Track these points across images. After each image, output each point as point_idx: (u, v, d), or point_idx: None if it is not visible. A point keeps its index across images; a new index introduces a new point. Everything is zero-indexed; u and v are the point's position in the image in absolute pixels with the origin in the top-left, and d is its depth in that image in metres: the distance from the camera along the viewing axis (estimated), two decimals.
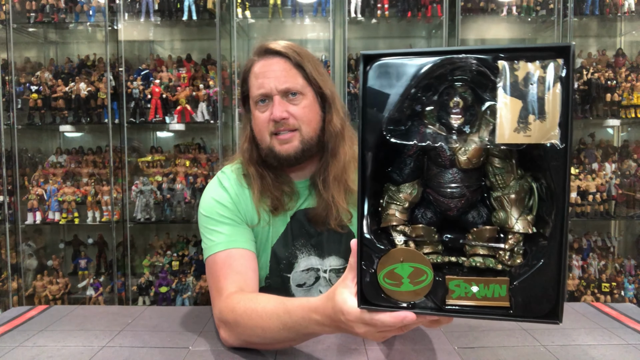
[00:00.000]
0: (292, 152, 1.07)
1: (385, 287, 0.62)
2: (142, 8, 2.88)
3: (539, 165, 0.58)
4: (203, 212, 1.10)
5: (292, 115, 1.06)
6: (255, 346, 0.91)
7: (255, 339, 0.87)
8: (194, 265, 2.99)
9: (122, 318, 1.07)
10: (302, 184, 1.15)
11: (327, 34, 2.95)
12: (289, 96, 1.06)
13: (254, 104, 1.10)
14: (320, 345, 0.91)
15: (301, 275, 1.14)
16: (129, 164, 2.94)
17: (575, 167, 2.96)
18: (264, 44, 1.09)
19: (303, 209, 1.14)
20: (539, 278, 0.59)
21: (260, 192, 1.10)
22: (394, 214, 0.64)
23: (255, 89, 1.08)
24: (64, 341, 0.94)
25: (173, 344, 0.93)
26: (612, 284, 2.90)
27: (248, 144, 1.13)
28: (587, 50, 3.16)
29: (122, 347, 0.91)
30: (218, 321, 0.95)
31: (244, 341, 0.90)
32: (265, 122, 1.07)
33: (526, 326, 0.99)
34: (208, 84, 2.95)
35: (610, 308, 1.11)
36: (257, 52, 1.10)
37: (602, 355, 0.85)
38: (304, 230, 1.14)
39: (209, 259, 1.05)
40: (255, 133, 1.11)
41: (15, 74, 2.93)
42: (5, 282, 2.98)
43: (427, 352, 0.87)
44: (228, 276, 1.00)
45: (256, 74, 1.08)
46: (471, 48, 0.58)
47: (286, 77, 1.06)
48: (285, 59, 1.07)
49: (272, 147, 1.08)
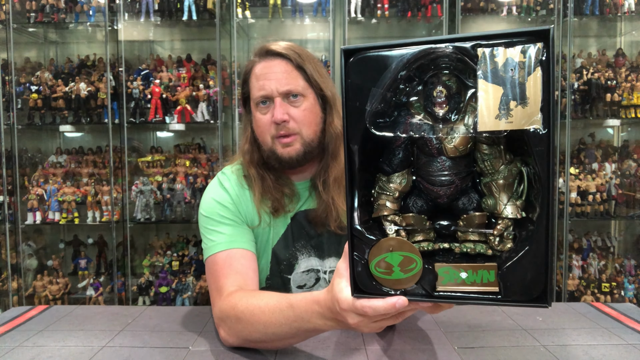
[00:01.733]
0: (294, 155, 1.07)
1: (377, 275, 0.63)
2: (142, 8, 2.88)
3: (526, 150, 0.59)
4: (203, 212, 1.10)
5: (292, 118, 1.05)
6: (256, 345, 0.90)
7: (257, 336, 0.86)
8: (194, 265, 2.99)
9: (122, 318, 1.07)
10: (302, 186, 1.15)
11: (327, 34, 2.95)
12: (290, 98, 1.06)
13: (255, 106, 1.09)
14: (321, 345, 0.91)
15: (301, 276, 1.14)
16: (129, 164, 2.94)
17: (575, 167, 2.96)
18: (264, 45, 1.09)
19: (303, 210, 1.14)
20: (526, 263, 0.59)
21: (261, 194, 1.09)
22: (384, 204, 0.65)
23: (256, 91, 1.08)
24: (64, 341, 0.94)
25: (173, 344, 0.93)
26: (612, 284, 2.90)
27: (249, 145, 1.12)
28: (587, 50, 3.16)
29: (122, 347, 0.91)
30: (218, 320, 0.95)
31: (245, 339, 0.89)
32: (267, 125, 1.07)
33: (526, 326, 0.99)
34: (208, 84, 2.95)
35: (610, 308, 1.11)
36: (258, 53, 1.10)
37: (602, 356, 0.85)
38: (304, 232, 1.13)
39: (209, 259, 1.05)
40: (257, 135, 1.11)
41: (15, 74, 2.93)
42: (5, 282, 2.98)
43: (427, 352, 0.87)
44: (229, 276, 1.00)
45: (257, 75, 1.08)
46: (450, 37, 0.58)
47: (287, 79, 1.05)
48: (287, 60, 1.06)
49: (274, 149, 1.08)
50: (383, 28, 3.18)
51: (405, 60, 0.59)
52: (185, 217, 2.95)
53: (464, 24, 2.90)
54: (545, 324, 1.01)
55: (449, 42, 0.58)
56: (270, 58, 1.07)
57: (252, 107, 1.11)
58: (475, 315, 1.06)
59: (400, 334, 0.95)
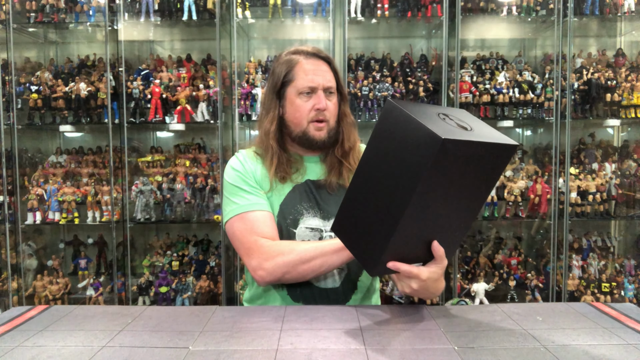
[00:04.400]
0: (324, 137, 1.31)
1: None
2: (142, 8, 2.88)
3: None
4: (228, 179, 1.31)
5: (327, 109, 1.29)
6: (293, 274, 1.17)
7: (289, 260, 1.16)
8: (194, 265, 2.99)
9: (122, 318, 1.07)
10: (312, 160, 1.37)
11: (327, 34, 2.95)
12: (328, 93, 1.30)
13: (297, 93, 1.29)
14: (321, 345, 0.91)
15: (305, 232, 1.28)
16: (129, 164, 2.94)
17: (575, 167, 2.96)
18: (313, 48, 1.34)
19: (313, 180, 1.33)
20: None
21: (276, 165, 1.30)
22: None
23: (304, 82, 1.28)
24: (64, 341, 0.94)
25: (173, 344, 0.93)
26: (612, 284, 2.90)
27: (275, 125, 1.32)
28: (587, 50, 3.16)
29: (122, 347, 0.91)
30: (258, 264, 1.19)
31: (279, 267, 1.16)
32: (307, 110, 1.29)
33: (526, 326, 0.99)
34: (208, 84, 2.95)
35: (610, 308, 1.11)
36: (304, 53, 1.32)
37: (602, 356, 0.85)
38: (311, 195, 1.31)
39: (237, 220, 1.24)
40: (291, 117, 1.31)
41: (15, 74, 2.93)
42: (5, 282, 2.98)
43: (427, 352, 0.87)
44: (254, 233, 1.22)
45: (306, 70, 1.29)
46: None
47: (329, 78, 1.31)
48: (328, 64, 1.32)
49: (307, 131, 1.30)
50: (383, 28, 3.18)
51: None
52: (185, 217, 2.94)
53: (464, 24, 2.90)
54: (546, 324, 1.01)
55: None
56: (317, 59, 1.32)
57: (291, 94, 1.30)
58: (475, 316, 1.06)
59: (400, 334, 0.95)
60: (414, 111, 0.82)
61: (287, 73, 1.31)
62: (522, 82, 2.93)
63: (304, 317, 1.05)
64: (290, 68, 1.31)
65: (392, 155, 0.84)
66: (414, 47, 3.17)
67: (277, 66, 1.34)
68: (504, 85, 2.91)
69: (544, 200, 2.91)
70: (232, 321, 1.03)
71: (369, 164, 0.89)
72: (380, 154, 0.87)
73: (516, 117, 2.96)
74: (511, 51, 3.23)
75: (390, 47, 3.20)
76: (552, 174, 2.91)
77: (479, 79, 2.96)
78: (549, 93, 2.90)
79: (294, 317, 1.05)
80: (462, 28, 2.86)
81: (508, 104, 2.94)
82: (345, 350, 0.88)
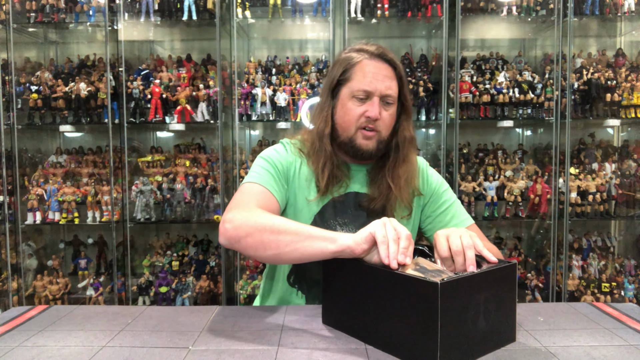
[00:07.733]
0: (372, 148, 1.19)
1: None
2: (142, 8, 2.88)
3: None
4: (264, 155, 1.23)
5: (381, 119, 1.18)
6: (254, 239, 0.99)
7: (261, 224, 0.99)
8: (194, 265, 2.99)
9: (122, 318, 1.07)
10: (357, 168, 1.27)
11: (327, 34, 2.95)
12: (384, 103, 1.18)
13: (350, 96, 1.19)
14: (320, 345, 0.91)
15: None
16: (129, 164, 2.94)
17: (575, 167, 2.96)
18: (379, 48, 1.20)
19: (354, 192, 1.24)
20: None
21: (322, 168, 1.20)
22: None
23: (361, 84, 1.17)
24: (64, 341, 0.94)
25: (173, 344, 0.92)
26: (612, 284, 2.90)
27: (330, 127, 1.22)
28: (587, 50, 3.16)
29: (122, 347, 0.91)
30: (232, 216, 1.03)
31: (247, 226, 1.00)
32: (357, 116, 1.18)
33: (527, 326, 0.99)
34: (208, 84, 2.95)
35: (611, 308, 1.11)
36: (369, 53, 1.19)
37: (603, 356, 0.85)
38: (349, 211, 1.23)
39: (247, 184, 1.16)
40: (341, 121, 1.21)
41: (15, 74, 2.93)
42: (5, 282, 2.98)
43: None
44: (254, 201, 1.11)
45: (365, 72, 1.17)
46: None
47: (390, 85, 1.18)
48: (393, 68, 1.19)
49: (354, 138, 1.19)
50: (383, 28, 3.18)
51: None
52: (185, 217, 2.94)
53: (464, 24, 2.90)
54: (547, 324, 1.00)
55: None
56: (382, 61, 1.19)
57: (345, 95, 1.20)
58: None
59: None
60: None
61: (344, 71, 1.20)
62: (522, 82, 2.93)
63: (304, 316, 1.05)
64: (349, 66, 1.20)
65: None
66: (414, 47, 3.17)
67: (336, 62, 1.24)
68: (504, 85, 2.91)
69: (544, 201, 2.91)
70: (232, 321, 1.03)
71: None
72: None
73: (516, 117, 2.96)
74: (511, 51, 3.23)
75: (390, 47, 3.16)
76: (552, 174, 2.91)
77: (479, 79, 2.96)
78: (549, 93, 2.90)
79: (295, 316, 1.05)
80: (462, 28, 2.86)
81: (508, 104, 2.94)
82: (346, 350, 0.88)
